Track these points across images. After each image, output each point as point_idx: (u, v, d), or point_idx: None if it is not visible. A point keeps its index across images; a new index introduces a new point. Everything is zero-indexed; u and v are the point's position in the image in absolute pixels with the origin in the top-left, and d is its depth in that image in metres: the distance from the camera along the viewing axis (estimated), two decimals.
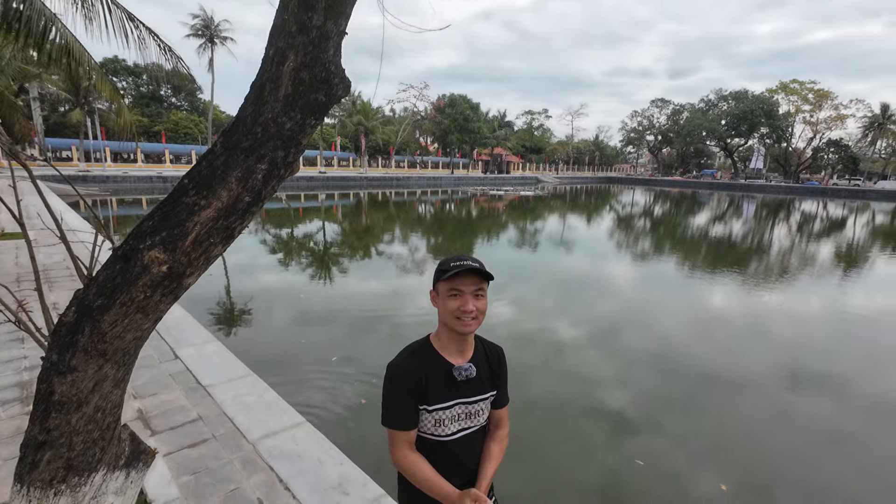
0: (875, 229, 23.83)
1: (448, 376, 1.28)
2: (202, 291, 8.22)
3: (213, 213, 1.57)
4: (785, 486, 3.58)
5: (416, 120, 60.68)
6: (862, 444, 4.21)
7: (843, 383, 5.50)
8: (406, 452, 1.25)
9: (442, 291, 1.26)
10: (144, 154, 42.07)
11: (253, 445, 2.92)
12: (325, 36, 1.52)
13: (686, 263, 13.42)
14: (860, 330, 7.74)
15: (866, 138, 62.43)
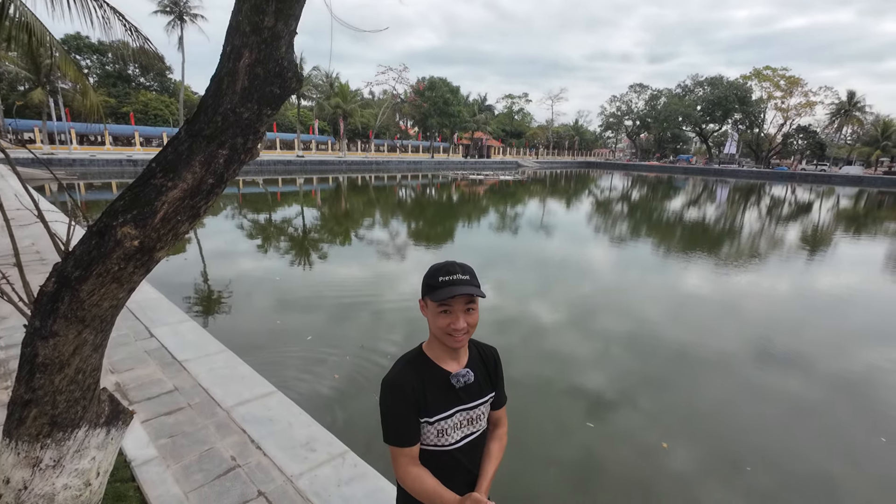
0: (839, 213, 24.89)
1: (446, 385, 1.25)
2: (180, 276, 8.27)
3: (179, 193, 1.77)
4: (752, 455, 3.79)
5: (395, 103, 59.96)
6: (822, 415, 4.50)
7: (808, 358, 5.78)
8: (409, 468, 1.21)
9: (431, 306, 1.20)
10: (113, 136, 40.60)
11: (227, 412, 3.14)
12: (276, 35, 1.71)
13: (661, 246, 13.78)
14: (824, 308, 8.13)
15: (833, 125, 64.52)
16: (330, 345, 5.55)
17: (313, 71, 43.83)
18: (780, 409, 4.56)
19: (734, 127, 73.17)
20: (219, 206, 17.89)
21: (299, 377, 4.69)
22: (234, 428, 2.98)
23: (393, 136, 64.13)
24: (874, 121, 61.85)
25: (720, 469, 3.67)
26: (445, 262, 1.22)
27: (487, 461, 1.37)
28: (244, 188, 26.16)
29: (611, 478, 3.55)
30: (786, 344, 6.25)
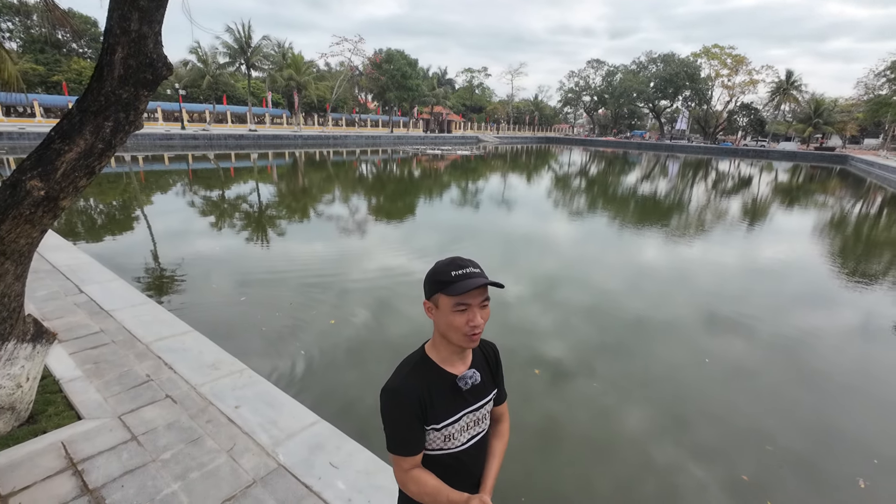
0: (777, 187, 26.80)
1: (453, 388, 1.21)
2: (130, 257, 8.53)
3: (74, 155, 2.35)
4: (698, 415, 4.12)
5: (353, 76, 58.57)
6: (761, 375, 4.86)
7: (750, 323, 6.19)
8: (410, 473, 1.18)
9: (444, 305, 1.13)
10: (45, 108, 37.95)
11: (146, 346, 3.75)
12: (143, 36, 2.29)
13: (618, 220, 14.31)
14: (763, 276, 8.67)
15: (773, 102, 68.35)
16: (261, 303, 6.15)
17: (263, 40, 42.07)
18: (723, 370, 4.95)
19: (685, 104, 76.09)
20: (168, 182, 17.59)
21: (220, 321, 5.32)
22: (151, 356, 3.60)
23: (351, 109, 62.86)
24: (809, 99, 65.94)
25: (670, 426, 3.94)
26: (452, 258, 1.17)
27: (491, 460, 1.35)
28: (195, 164, 25.40)
29: (570, 439, 3.75)
30: (729, 310, 6.67)
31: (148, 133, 33.39)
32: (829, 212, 17.79)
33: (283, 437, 2.76)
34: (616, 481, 3.32)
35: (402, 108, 62.66)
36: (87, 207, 12.48)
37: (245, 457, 2.60)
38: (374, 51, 57.32)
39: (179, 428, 2.81)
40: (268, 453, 2.62)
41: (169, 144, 34.08)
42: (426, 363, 1.21)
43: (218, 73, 44.51)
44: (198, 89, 45.77)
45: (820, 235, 13.15)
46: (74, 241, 8.36)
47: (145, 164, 23.47)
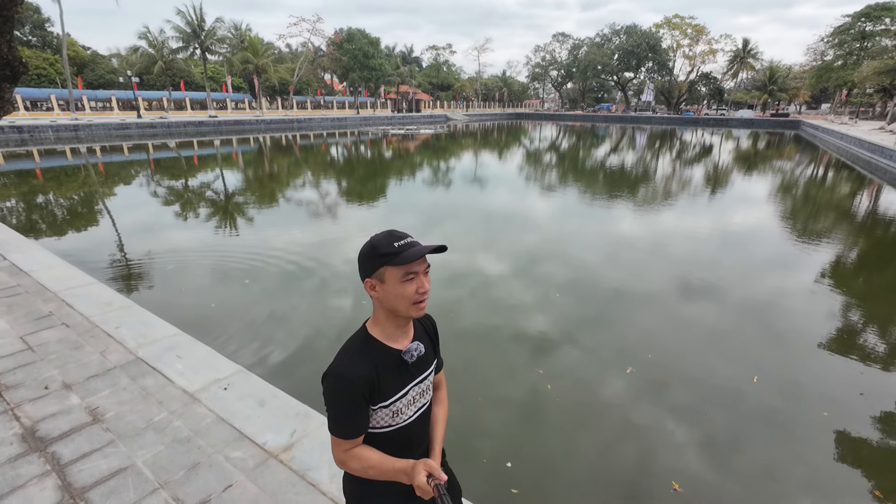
0: (740, 156, 27.82)
1: (399, 363, 1.21)
2: (59, 234, 9.17)
3: None
4: (675, 378, 4.32)
5: (315, 57, 57.73)
6: (733, 337, 5.16)
7: (722, 288, 6.52)
8: (350, 452, 1.18)
9: (392, 277, 1.12)
10: None
11: (54, 293, 4.60)
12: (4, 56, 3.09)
13: (590, 194, 14.77)
14: (734, 242, 9.12)
15: (731, 71, 70.10)
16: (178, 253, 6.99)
17: (217, 23, 41.21)
18: (698, 335, 5.22)
19: (648, 75, 77.27)
20: (130, 173, 17.78)
21: (127, 274, 6.19)
22: (57, 300, 4.46)
23: (315, 91, 62.12)
24: (765, 67, 67.88)
25: (648, 389, 4.14)
26: (388, 231, 1.16)
27: (435, 426, 1.37)
28: (156, 153, 25.21)
29: (553, 409, 3.89)
30: (702, 277, 7.00)
31: (102, 123, 32.86)
32: (780, 176, 18.83)
33: (146, 343, 3.70)
34: (598, 443, 3.49)
35: (368, 89, 62.22)
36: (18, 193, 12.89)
37: (113, 354, 3.53)
38: (335, 30, 56.50)
39: (67, 341, 3.71)
40: (130, 352, 3.56)
41: (125, 134, 33.59)
42: (370, 342, 1.20)
43: (171, 59, 43.46)
44: (151, 76, 44.69)
45: (771, 200, 13.71)
46: (7, 224, 8.97)
47: (103, 155, 23.39)
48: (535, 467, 3.23)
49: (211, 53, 42.45)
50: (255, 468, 2.46)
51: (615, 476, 3.19)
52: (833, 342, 5.09)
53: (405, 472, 1.13)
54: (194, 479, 2.38)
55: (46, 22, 44.27)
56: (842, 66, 43.79)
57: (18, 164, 19.61)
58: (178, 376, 3.28)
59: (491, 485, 3.05)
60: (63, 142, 28.09)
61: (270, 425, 2.79)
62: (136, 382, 3.20)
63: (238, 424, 2.79)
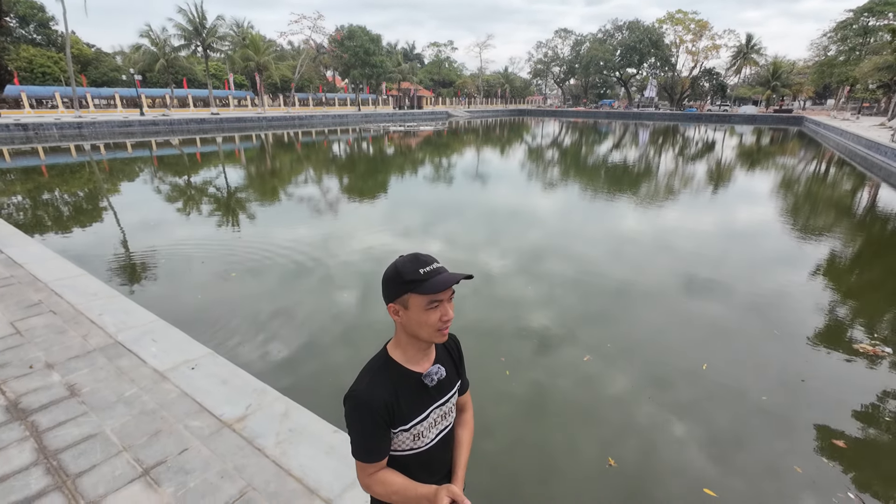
0: (745, 153, 27.48)
1: (420, 386, 1.20)
2: (55, 228, 9.52)
3: None
4: (679, 375, 4.31)
5: (317, 55, 57.98)
6: (736, 334, 5.13)
7: (726, 286, 6.50)
8: (375, 476, 1.17)
9: (416, 305, 1.10)
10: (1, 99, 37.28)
11: (45, 283, 4.93)
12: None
13: (593, 191, 14.66)
14: (740, 239, 9.10)
15: (734, 66, 69.70)
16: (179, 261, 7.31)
17: (218, 21, 41.52)
18: (701, 332, 5.23)
19: (650, 71, 76.92)
20: (132, 169, 18.11)
21: (117, 267, 6.53)
22: (47, 290, 4.78)
23: (317, 88, 62.43)
24: (768, 63, 67.42)
25: (651, 386, 4.13)
26: (413, 256, 1.14)
27: (459, 450, 1.35)
28: (159, 150, 25.58)
29: (556, 405, 3.92)
30: (706, 274, 6.99)
31: (106, 121, 33.27)
32: (777, 174, 18.75)
33: (125, 328, 4.01)
34: (601, 440, 3.51)
35: (369, 86, 62.43)
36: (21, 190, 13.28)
37: (94, 338, 3.84)
38: (336, 27, 56.69)
39: (53, 326, 4.03)
40: (110, 336, 3.87)
41: (128, 131, 33.98)
42: (390, 365, 1.19)
43: (173, 57, 43.85)
44: (153, 73, 45.11)
45: (766, 198, 13.66)
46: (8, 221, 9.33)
47: (107, 153, 23.79)
48: (538, 463, 3.26)
49: (212, 51, 42.82)
50: (210, 435, 2.76)
51: (616, 473, 3.18)
52: (836, 338, 5.11)
53: (428, 498, 1.11)
54: (155, 443, 2.68)
55: (51, 20, 44.72)
56: (844, 62, 43.51)
57: (23, 161, 20.03)
58: (151, 357, 3.58)
59: (494, 480, 3.09)
60: (67, 139, 28.52)
61: (229, 400, 3.09)
62: (112, 363, 3.51)
63: (199, 399, 3.09)
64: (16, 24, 43.83)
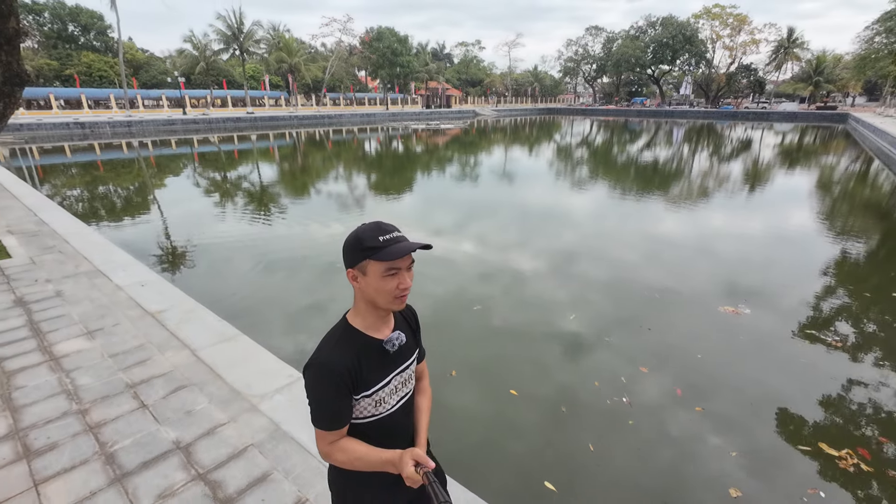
0: (787, 152, 25.51)
1: (380, 353, 1.22)
2: (91, 206, 11.44)
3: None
4: (717, 386, 4.10)
5: (348, 56, 60.40)
6: (782, 348, 4.78)
7: (772, 294, 6.17)
8: (335, 444, 1.18)
9: (374, 271, 1.11)
10: (64, 100, 41.55)
11: (61, 236, 6.51)
12: (9, 62, 4.91)
13: (626, 190, 14.25)
14: (786, 244, 8.60)
15: (773, 62, 66.82)
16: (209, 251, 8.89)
17: (254, 26, 44.41)
18: (742, 340, 4.93)
19: (682, 67, 74.85)
20: (182, 166, 20.09)
21: (142, 242, 8.13)
22: (59, 238, 6.36)
23: (348, 88, 64.93)
24: (811, 57, 64.24)
25: (687, 398, 3.95)
26: (374, 223, 1.15)
27: (419, 416, 1.39)
28: (200, 147, 27.69)
29: (587, 411, 3.79)
30: (749, 281, 6.65)
31: (152, 119, 36.42)
32: (819, 174, 17.80)
33: (107, 262, 5.48)
34: (632, 449, 3.38)
35: (398, 85, 64.31)
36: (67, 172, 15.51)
37: (83, 266, 5.32)
38: (365, 29, 58.90)
39: (57, 260, 5.56)
40: (95, 266, 5.35)
41: (171, 129, 37.03)
42: (351, 332, 1.20)
43: (213, 60, 47.13)
44: (195, 75, 48.60)
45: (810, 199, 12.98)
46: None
47: (154, 149, 26.44)
48: (566, 466, 3.23)
49: (248, 54, 45.72)
50: (136, 318, 4.12)
51: (646, 480, 3.15)
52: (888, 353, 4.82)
53: (392, 462, 1.13)
54: (100, 320, 4.06)
55: (108, 28, 49.15)
56: (888, 55, 41.18)
57: (82, 156, 22.77)
58: (117, 279, 5.01)
59: (522, 483, 3.09)
60: (118, 136, 31.64)
61: (158, 302, 4.45)
62: (90, 280, 4.97)
63: (139, 301, 4.47)
64: (79, 32, 48.44)
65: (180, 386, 3.15)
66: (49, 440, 2.62)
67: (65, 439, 2.63)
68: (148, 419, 2.81)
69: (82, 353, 3.55)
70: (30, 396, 3.01)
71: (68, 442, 2.61)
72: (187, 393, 3.07)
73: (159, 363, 3.42)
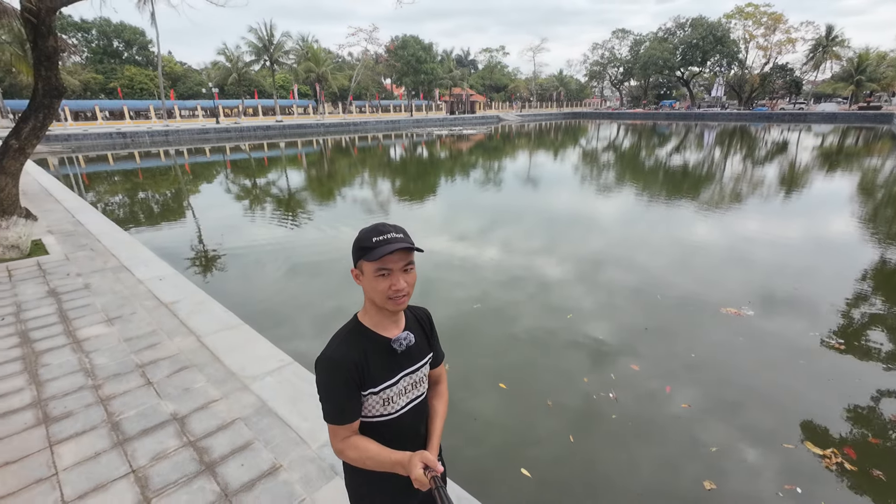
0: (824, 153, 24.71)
1: (388, 351, 1.23)
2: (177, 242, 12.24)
3: (28, 128, 5.61)
4: (748, 399, 3.95)
5: (374, 64, 61.70)
6: (818, 360, 4.57)
7: (808, 304, 5.85)
8: (348, 440, 1.20)
9: (367, 271, 1.14)
10: (108, 112, 44.15)
11: (94, 235, 7.06)
12: (49, 77, 5.45)
13: (655, 196, 13.78)
14: (825, 251, 8.22)
15: (811, 61, 64.21)
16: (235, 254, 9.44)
17: (284, 37, 46.07)
18: (777, 353, 4.71)
19: (713, 69, 72.84)
20: (212, 172, 21.09)
21: (171, 247, 8.69)
22: (92, 238, 6.90)
23: (374, 96, 66.25)
24: (853, 56, 61.40)
25: (719, 411, 3.83)
26: (376, 224, 1.17)
27: (434, 420, 1.38)
28: (232, 154, 28.72)
29: (611, 422, 3.68)
30: (786, 290, 6.31)
31: (187, 129, 38.21)
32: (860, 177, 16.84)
33: (132, 259, 5.94)
34: (659, 461, 3.30)
35: (423, 92, 65.18)
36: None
37: (110, 262, 5.80)
38: (391, 38, 60.08)
39: (88, 256, 6.07)
40: (121, 262, 5.82)
41: (205, 138, 38.73)
42: (360, 329, 1.23)
43: (244, 71, 49.08)
44: (228, 86, 50.69)
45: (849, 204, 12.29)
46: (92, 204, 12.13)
47: (189, 157, 27.81)
48: (586, 480, 3.18)
49: (278, 65, 47.39)
50: (152, 308, 4.49)
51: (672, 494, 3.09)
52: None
53: (402, 463, 1.13)
54: (119, 309, 4.45)
55: (150, 43, 51.96)
56: None
57: (123, 164, 24.19)
58: (138, 274, 5.45)
59: (541, 492, 3.06)
60: (156, 145, 33.37)
61: (172, 294, 4.82)
62: (115, 274, 5.42)
63: (156, 293, 4.86)
64: (122, 48, 51.39)
65: (183, 367, 3.46)
66: (65, 409, 2.96)
67: (79, 409, 2.97)
68: (151, 394, 3.12)
69: (101, 337, 3.92)
70: (53, 373, 3.38)
71: (81, 411, 2.94)
72: (188, 373, 3.37)
73: (167, 347, 3.76)
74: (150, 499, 2.27)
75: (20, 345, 3.80)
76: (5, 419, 2.88)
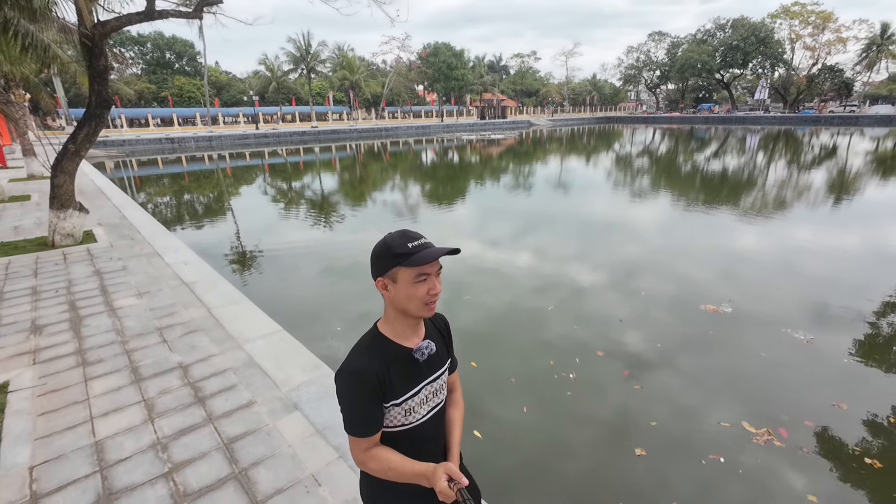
0: (879, 158, 23.20)
1: (410, 362, 1.22)
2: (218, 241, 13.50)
3: (83, 134, 6.61)
4: (798, 417, 3.78)
5: (407, 71, 63.22)
6: (874, 381, 4.37)
7: (861, 320, 5.49)
8: (369, 452, 1.18)
9: (404, 278, 1.12)
10: (160, 119, 47.43)
11: (136, 227, 8.05)
12: (100, 90, 6.42)
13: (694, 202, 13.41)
14: (884, 264, 7.60)
15: (863, 62, 60.70)
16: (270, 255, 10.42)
17: (320, 47, 48.14)
18: (829, 372, 4.50)
19: (754, 71, 69.98)
20: (252, 175, 22.55)
21: (208, 246, 9.68)
22: (133, 229, 7.89)
23: (406, 102, 67.76)
24: None
25: (761, 427, 3.69)
26: (402, 231, 1.16)
27: (452, 429, 1.38)
28: (270, 159, 30.03)
29: (647, 434, 3.59)
30: (840, 304, 5.96)
31: (228, 134, 40.52)
32: None
33: (165, 247, 6.84)
34: (695, 480, 3.20)
35: (454, 97, 66.12)
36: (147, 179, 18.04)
37: (145, 249, 6.71)
38: (423, 45, 61.38)
39: (128, 245, 7.01)
40: (155, 250, 6.73)
41: (245, 143, 40.92)
42: (381, 340, 1.21)
43: (283, 80, 51.49)
44: (268, 94, 53.27)
45: None
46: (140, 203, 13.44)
47: (231, 161, 29.64)
48: (616, 494, 3.09)
49: (315, 73, 49.46)
50: (175, 286, 5.29)
51: None
52: None
53: (425, 475, 1.13)
54: (149, 287, 5.27)
55: (198, 54, 55.47)
56: None
57: (171, 168, 26.16)
58: (168, 259, 6.31)
59: None
60: (201, 150, 35.61)
61: (195, 277, 5.62)
62: (148, 259, 6.31)
63: (181, 275, 5.67)
64: (174, 59, 55.03)
65: (192, 330, 4.18)
66: (98, 357, 3.72)
67: (108, 357, 3.72)
68: (165, 349, 3.84)
69: (132, 307, 4.72)
70: (91, 331, 4.18)
71: (110, 359, 3.69)
72: (196, 335, 4.09)
73: (182, 315, 4.50)
74: (153, 418, 2.95)
75: (69, 310, 4.64)
76: (55, 361, 3.66)
